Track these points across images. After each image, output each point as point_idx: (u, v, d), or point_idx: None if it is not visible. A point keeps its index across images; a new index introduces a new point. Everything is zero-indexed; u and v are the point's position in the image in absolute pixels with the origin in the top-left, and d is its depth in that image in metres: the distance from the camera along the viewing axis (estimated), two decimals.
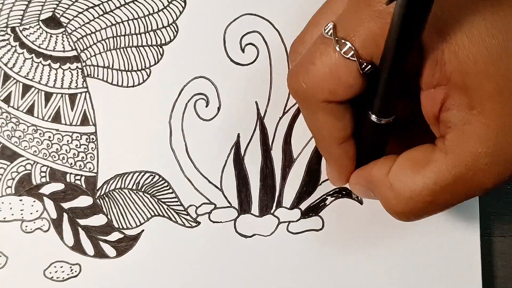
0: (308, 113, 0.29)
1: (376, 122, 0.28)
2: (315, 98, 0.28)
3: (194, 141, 0.36)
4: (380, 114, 0.28)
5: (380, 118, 0.28)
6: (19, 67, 0.35)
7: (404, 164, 0.28)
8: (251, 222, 0.36)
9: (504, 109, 0.25)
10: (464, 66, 0.25)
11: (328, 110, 0.28)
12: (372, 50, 0.26)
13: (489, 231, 0.38)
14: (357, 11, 0.26)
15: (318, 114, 0.29)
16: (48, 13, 0.36)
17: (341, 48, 0.26)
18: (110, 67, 0.36)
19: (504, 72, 0.25)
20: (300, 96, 0.28)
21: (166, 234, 0.36)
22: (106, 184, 0.35)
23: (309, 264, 0.36)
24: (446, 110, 0.26)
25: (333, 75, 0.27)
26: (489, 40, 0.25)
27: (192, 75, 0.36)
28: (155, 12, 0.36)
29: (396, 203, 0.28)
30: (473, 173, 0.26)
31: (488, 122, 0.25)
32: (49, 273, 0.35)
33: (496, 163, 0.26)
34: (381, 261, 0.36)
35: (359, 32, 0.26)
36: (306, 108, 0.29)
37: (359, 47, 0.26)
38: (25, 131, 0.35)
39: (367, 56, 0.26)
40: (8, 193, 0.35)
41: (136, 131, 0.36)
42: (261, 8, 0.36)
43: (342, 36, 0.26)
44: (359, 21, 0.26)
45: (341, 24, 0.27)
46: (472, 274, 0.36)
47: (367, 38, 0.26)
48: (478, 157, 0.26)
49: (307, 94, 0.28)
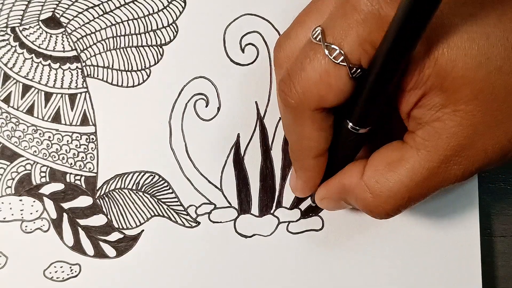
0: (295, 122, 0.29)
1: (352, 131, 0.29)
2: (307, 105, 0.28)
3: (194, 141, 0.36)
4: (359, 122, 0.28)
5: (358, 127, 0.29)
6: (19, 67, 0.35)
7: (377, 165, 0.29)
8: (251, 222, 0.36)
9: (478, 111, 0.26)
10: (442, 72, 0.26)
11: (317, 119, 0.29)
12: (361, 55, 0.26)
13: (489, 231, 0.38)
14: (344, 16, 0.26)
15: (305, 124, 0.29)
16: (48, 13, 0.36)
17: (331, 53, 0.27)
18: (110, 67, 0.36)
19: (481, 79, 0.26)
20: (292, 104, 0.29)
21: (166, 234, 0.36)
22: (106, 184, 0.35)
23: (309, 264, 0.36)
24: (419, 107, 0.27)
25: (323, 80, 0.27)
26: (470, 48, 0.25)
27: (192, 75, 0.36)
28: (155, 12, 0.36)
29: (375, 204, 0.29)
30: (446, 166, 0.28)
31: (461, 121, 0.26)
32: (49, 273, 0.35)
33: (467, 158, 0.27)
34: (381, 261, 0.36)
35: (347, 37, 0.26)
36: (295, 117, 0.29)
37: (348, 51, 0.26)
38: (25, 131, 0.35)
39: (356, 61, 0.27)
40: (8, 193, 0.35)
41: (136, 131, 0.36)
42: (261, 8, 0.36)
43: (331, 41, 0.27)
44: (347, 25, 0.26)
45: (329, 28, 0.27)
46: (472, 274, 0.36)
47: (356, 42, 0.26)
48: (450, 151, 0.27)
49: (299, 101, 0.28)
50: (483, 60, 0.26)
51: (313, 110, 0.28)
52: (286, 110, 0.29)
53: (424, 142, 0.28)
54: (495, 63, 0.26)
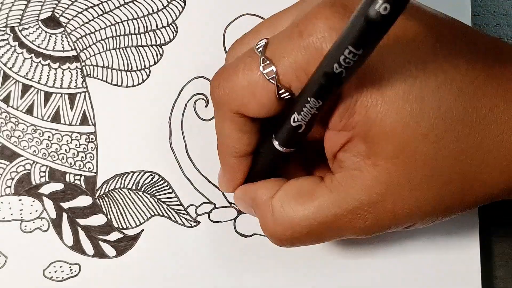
0: (218, 118, 0.30)
1: (277, 148, 0.29)
2: (228, 106, 0.28)
3: (194, 141, 0.36)
4: (282, 142, 0.28)
5: (280, 146, 0.29)
6: (19, 66, 0.35)
7: (289, 192, 0.29)
8: (250, 222, 0.36)
9: (395, 171, 0.26)
10: (370, 122, 0.25)
11: (236, 122, 0.29)
12: (293, 80, 0.26)
13: (489, 231, 0.38)
14: (290, 38, 0.26)
15: (226, 123, 0.29)
16: (47, 12, 0.36)
17: (264, 68, 0.27)
18: (109, 67, 0.36)
19: (406, 140, 0.25)
20: (216, 99, 0.29)
21: (166, 234, 0.36)
22: (105, 184, 0.35)
23: (309, 264, 0.36)
24: (345, 151, 0.27)
25: (249, 90, 0.27)
26: (402, 105, 0.25)
27: (192, 75, 0.36)
28: (155, 12, 0.36)
29: (273, 228, 0.29)
30: (352, 217, 0.27)
31: (378, 176, 0.26)
32: (48, 272, 0.35)
33: (375, 214, 0.27)
34: (380, 261, 0.36)
35: (285, 58, 0.26)
36: (217, 113, 0.30)
37: (281, 72, 0.26)
38: (24, 131, 0.35)
39: (286, 84, 0.27)
40: (7, 193, 0.35)
41: (135, 131, 0.36)
42: (261, 8, 0.36)
43: (268, 56, 0.27)
44: (288, 48, 0.26)
45: (272, 44, 0.27)
46: (472, 274, 0.36)
47: (291, 67, 0.26)
48: (359, 204, 0.27)
49: (221, 99, 0.28)
50: (412, 123, 0.25)
51: (234, 112, 0.28)
52: (213, 102, 0.30)
53: (339, 186, 0.27)
54: (422, 129, 0.25)
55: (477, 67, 0.26)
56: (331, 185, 0.28)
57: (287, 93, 0.27)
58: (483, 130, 0.26)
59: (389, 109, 0.25)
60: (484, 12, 0.39)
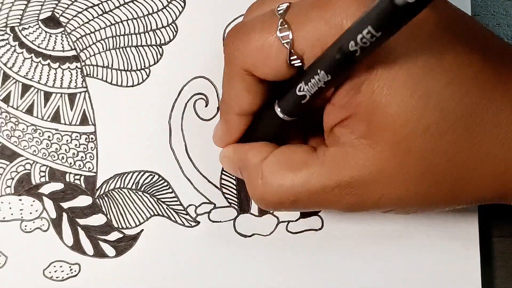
0: (227, 74, 0.30)
1: (278, 115, 0.29)
2: (239, 63, 0.28)
3: (194, 141, 0.36)
4: (284, 110, 0.28)
5: (282, 113, 0.29)
6: (19, 66, 0.35)
7: (280, 159, 0.29)
8: (250, 222, 0.36)
9: (389, 159, 0.26)
10: (374, 105, 0.25)
11: (244, 79, 0.29)
12: (306, 49, 0.26)
13: (489, 231, 0.38)
14: (312, 7, 0.26)
15: (234, 79, 0.29)
16: (47, 12, 0.36)
17: (281, 31, 0.26)
18: (109, 66, 0.36)
19: (406, 132, 0.25)
20: (228, 55, 0.29)
21: (166, 234, 0.36)
22: (105, 183, 0.35)
23: (309, 264, 0.36)
24: (342, 126, 0.27)
25: (263, 51, 0.27)
26: (410, 94, 0.25)
27: (192, 75, 0.36)
28: (155, 12, 0.36)
29: (261, 193, 0.29)
30: (340, 191, 0.27)
31: (373, 159, 0.26)
32: (48, 272, 0.35)
33: (360, 194, 0.27)
34: (380, 260, 0.36)
35: (303, 25, 0.26)
36: (227, 69, 0.29)
37: (296, 39, 0.26)
38: (24, 130, 0.35)
39: (300, 51, 0.26)
40: (7, 192, 0.35)
41: (135, 131, 0.36)
42: None
43: (288, 20, 0.26)
44: (309, 16, 0.26)
45: (293, 9, 0.27)
46: (472, 274, 0.36)
47: (307, 35, 0.26)
48: (349, 180, 0.27)
49: (233, 56, 0.28)
50: (414, 119, 0.25)
51: (243, 70, 0.28)
52: (224, 57, 0.29)
53: (332, 160, 0.27)
54: (423, 126, 0.25)
55: (487, 71, 0.26)
56: (324, 157, 0.28)
57: (298, 60, 0.27)
58: (483, 134, 0.26)
59: (395, 97, 0.25)
60: (484, 12, 0.39)
